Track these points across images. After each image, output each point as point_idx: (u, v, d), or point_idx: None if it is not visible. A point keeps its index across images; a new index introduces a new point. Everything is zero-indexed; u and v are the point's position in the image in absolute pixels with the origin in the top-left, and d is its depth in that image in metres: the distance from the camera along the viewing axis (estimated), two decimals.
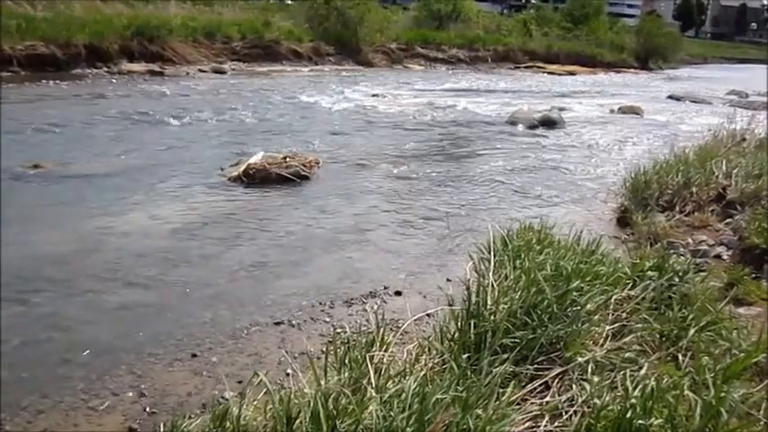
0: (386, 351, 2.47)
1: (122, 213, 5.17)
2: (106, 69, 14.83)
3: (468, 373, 2.21)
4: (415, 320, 3.13)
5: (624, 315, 2.89)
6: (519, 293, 2.71)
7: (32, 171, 6.13)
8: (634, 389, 2.08)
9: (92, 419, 2.63)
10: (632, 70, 31.45)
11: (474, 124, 10.87)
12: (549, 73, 25.23)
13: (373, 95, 13.91)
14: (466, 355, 2.34)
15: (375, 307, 3.66)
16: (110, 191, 5.75)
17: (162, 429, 1.98)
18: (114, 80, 13.99)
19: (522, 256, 3.28)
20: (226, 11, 21.83)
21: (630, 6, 71.41)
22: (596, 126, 11.29)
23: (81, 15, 16.10)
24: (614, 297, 2.95)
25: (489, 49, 27.39)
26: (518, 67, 26.59)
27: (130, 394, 2.81)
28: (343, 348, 2.47)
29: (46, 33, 14.38)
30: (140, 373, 2.98)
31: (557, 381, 2.37)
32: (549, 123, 10.82)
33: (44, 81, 12.74)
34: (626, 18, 49.05)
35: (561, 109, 12.73)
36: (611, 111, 13.51)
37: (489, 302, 2.61)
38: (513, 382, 2.22)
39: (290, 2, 29.33)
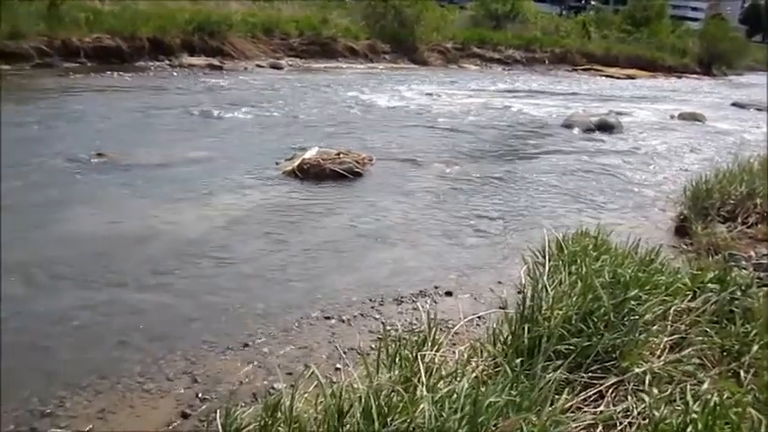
0: (437, 351, 2.46)
1: (180, 204, 5.30)
2: (168, 62, 15.20)
3: (521, 377, 2.18)
4: (466, 322, 3.11)
5: (683, 327, 2.81)
6: (575, 299, 2.66)
7: (96, 160, 6.33)
8: (695, 403, 2.02)
9: (146, 402, 2.70)
10: (694, 75, 30.48)
11: (529, 126, 10.73)
12: (608, 76, 24.68)
13: (428, 94, 13.87)
14: (519, 360, 2.31)
15: (425, 306, 3.65)
16: (168, 182, 5.89)
17: (217, 417, 2.01)
18: (175, 73, 14.33)
19: (578, 261, 3.23)
20: (284, 7, 22.10)
21: (694, 9, 69.25)
22: (655, 132, 10.99)
23: (146, 10, 16.57)
24: (673, 308, 2.87)
25: (546, 51, 26.96)
26: (575, 70, 26.09)
27: (184, 380, 2.88)
28: (393, 346, 2.47)
29: (112, 26, 14.86)
30: (194, 359, 3.04)
31: (611, 390, 2.32)
32: (606, 128, 10.58)
33: (108, 72, 13.15)
34: (689, 21, 47.68)
35: (619, 113, 12.43)
36: (672, 117, 13.13)
37: (544, 307, 2.58)
38: (566, 389, 2.18)
39: None
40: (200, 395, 2.76)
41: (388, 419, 1.87)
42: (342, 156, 6.56)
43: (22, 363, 2.93)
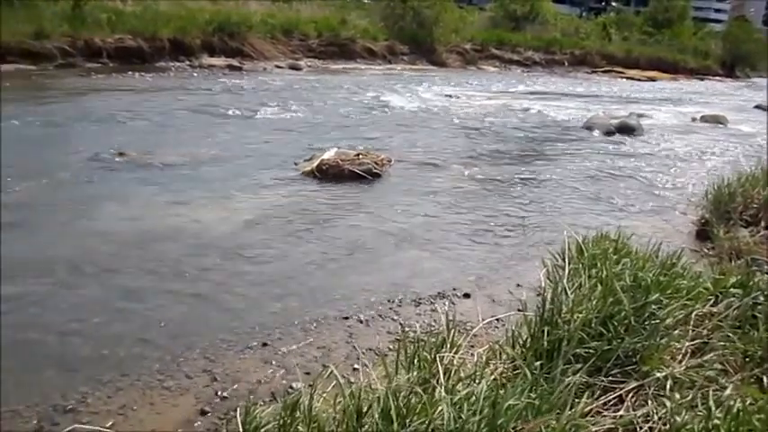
0: (455, 353, 2.46)
1: (199, 203, 5.34)
2: (188, 63, 15.34)
3: (541, 380, 2.17)
4: (485, 324, 3.10)
5: (705, 332, 2.78)
6: (595, 303, 2.64)
7: (118, 158, 6.41)
8: (717, 409, 2.00)
9: (166, 399, 2.73)
10: (717, 78, 30.10)
11: (548, 128, 10.67)
12: (628, 78, 24.48)
13: (446, 96, 13.85)
14: (538, 363, 2.30)
15: (444, 308, 3.64)
16: (187, 181, 5.94)
17: (237, 415, 2.02)
18: (195, 74, 14.45)
19: (599, 265, 3.20)
20: (303, 8, 22.19)
21: (717, 11, 68.43)
22: (677, 134, 10.88)
23: (167, 11, 16.72)
24: (695, 312, 2.84)
25: (566, 53, 26.80)
26: (595, 72, 25.90)
27: (203, 378, 2.90)
28: (412, 347, 2.47)
29: (134, 27, 15.04)
30: (213, 357, 3.07)
31: (631, 395, 2.30)
32: (626, 130, 10.49)
33: (130, 73, 13.30)
34: (712, 23, 47.12)
35: (640, 115, 12.33)
36: (693, 119, 12.99)
37: (564, 310, 2.56)
38: (586, 393, 2.17)
39: (366, 0, 29.58)
40: (219, 393, 2.78)
41: (407, 420, 1.87)
42: (361, 157, 6.57)
43: (45, 358, 2.97)
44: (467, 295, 3.91)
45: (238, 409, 2.06)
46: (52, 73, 12.64)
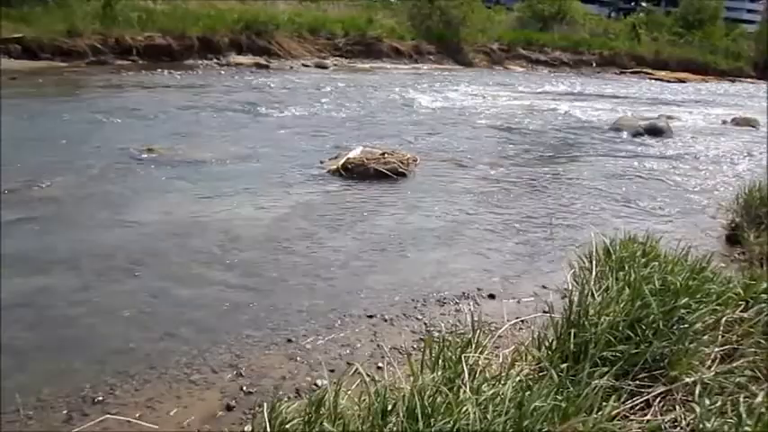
0: (481, 353, 2.45)
1: (225, 199, 5.39)
2: (216, 61, 15.50)
3: (567, 383, 2.15)
4: (510, 325, 3.08)
5: (735, 338, 2.73)
6: (622, 306, 2.61)
7: (146, 155, 6.49)
8: (748, 416, 1.96)
9: (192, 393, 2.76)
10: (749, 80, 29.52)
11: (575, 129, 10.58)
12: (657, 79, 24.14)
13: (473, 95, 13.80)
14: (564, 365, 2.28)
15: (468, 308, 3.64)
16: (214, 177, 6.01)
17: (264, 410, 2.04)
18: (223, 71, 14.58)
19: (626, 267, 3.16)
20: (330, 8, 22.28)
21: (750, 11, 67.14)
22: (706, 137, 10.71)
23: (196, 9, 16.91)
24: (725, 318, 2.79)
25: (594, 53, 26.51)
26: (624, 73, 25.60)
27: (229, 372, 2.93)
28: (437, 347, 2.47)
29: (164, 26, 15.26)
30: (238, 353, 3.10)
31: (659, 400, 2.27)
32: (655, 132, 10.35)
33: (159, 70, 13.48)
34: (745, 24, 46.23)
35: (669, 117, 12.16)
36: (724, 122, 12.77)
37: (591, 313, 2.54)
38: (612, 396, 2.14)
39: (393, 0, 29.59)
40: (244, 388, 2.81)
41: (432, 419, 1.87)
42: (386, 156, 6.58)
43: (75, 350, 3.02)
44: (491, 296, 3.89)
45: (264, 405, 2.07)
46: (84, 70, 12.86)
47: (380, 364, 3.02)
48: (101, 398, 2.66)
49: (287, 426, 2.02)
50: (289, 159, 6.83)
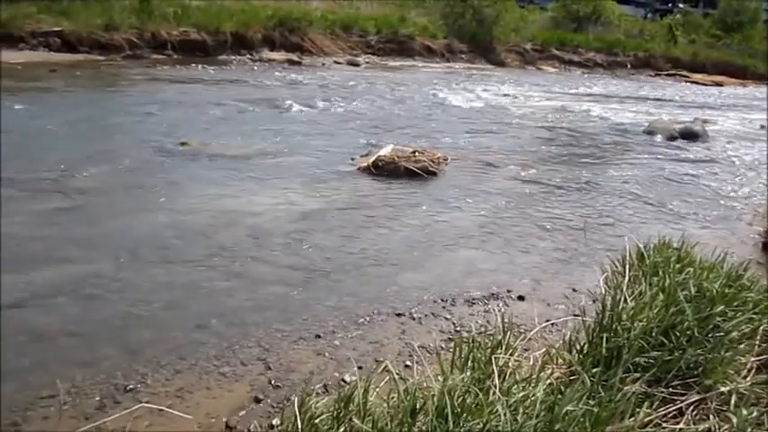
0: (511, 355, 2.43)
1: (257, 194, 5.43)
2: (249, 57, 15.63)
3: (598, 388, 2.13)
4: (541, 328, 3.06)
5: None
6: (656, 311, 2.57)
7: (180, 148, 6.58)
8: None
9: (222, 384, 2.80)
10: None
11: (608, 131, 10.44)
12: (693, 82, 23.70)
13: (504, 95, 13.71)
14: (595, 370, 2.25)
15: (498, 309, 3.62)
16: (246, 172, 6.05)
17: (294, 404, 2.05)
18: (255, 67, 14.69)
19: (660, 273, 3.12)
20: (363, 5, 22.29)
21: None
22: (743, 142, 10.48)
23: (230, 5, 17.07)
24: (762, 327, 2.73)
25: (629, 55, 26.11)
26: (659, 75, 25.19)
27: (258, 366, 2.96)
28: (467, 347, 2.46)
29: (198, 21, 15.43)
30: (267, 346, 3.12)
31: (692, 408, 2.23)
32: (690, 136, 10.17)
33: (193, 65, 13.63)
34: None
35: (705, 121, 11.92)
36: (762, 126, 12.47)
37: (624, 317, 2.50)
38: (645, 403, 2.11)
39: None
40: (272, 382, 2.83)
41: (461, 420, 1.86)
42: (417, 154, 6.56)
43: (109, 339, 3.07)
44: (521, 297, 3.86)
45: (295, 399, 2.08)
46: (120, 63, 13.07)
47: (408, 363, 3.02)
48: (132, 386, 2.70)
49: (316, 420, 2.03)
50: (319, 156, 6.86)
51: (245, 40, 16.00)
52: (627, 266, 3.22)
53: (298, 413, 1.99)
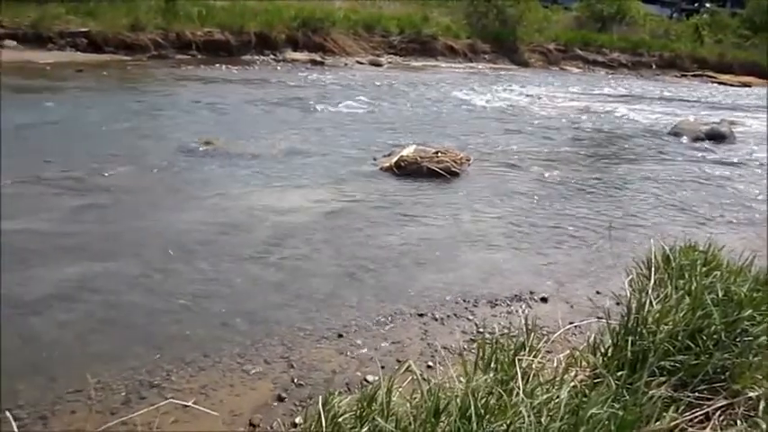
0: (534, 357, 2.42)
1: (280, 193, 5.47)
2: (272, 57, 15.70)
3: (623, 391, 2.11)
4: (564, 330, 3.05)
5: None
6: (682, 315, 2.54)
7: (204, 147, 6.63)
8: None
9: (245, 382, 2.82)
10: None
11: (633, 133, 10.32)
12: (720, 83, 23.31)
13: (528, 96, 13.62)
14: (620, 373, 2.23)
15: (520, 311, 3.60)
16: (270, 171, 6.09)
17: (319, 403, 2.06)
18: (279, 67, 14.76)
19: (686, 276, 3.08)
20: (386, 5, 22.28)
21: None
22: None
23: (254, 5, 17.17)
24: None
25: (654, 55, 25.77)
26: (685, 75, 24.82)
27: (281, 364, 2.98)
28: (490, 348, 2.45)
29: (222, 21, 15.53)
30: (290, 345, 3.15)
31: (719, 413, 2.21)
32: (717, 137, 10.01)
33: (217, 65, 13.74)
34: None
35: (732, 123, 11.73)
36: None
37: (649, 320, 2.48)
38: (671, 407, 2.09)
39: None
40: (295, 380, 2.85)
41: (485, 421, 1.86)
42: (440, 154, 6.55)
43: (134, 336, 3.12)
44: (544, 299, 3.84)
45: (319, 398, 2.10)
46: (145, 63, 13.21)
47: (431, 363, 3.02)
48: (157, 382, 2.73)
49: (339, 419, 2.04)
50: (342, 155, 6.88)
51: (268, 41, 16.07)
52: (652, 269, 3.18)
53: (322, 411, 2.00)
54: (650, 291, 2.83)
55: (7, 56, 11.69)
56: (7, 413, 2.20)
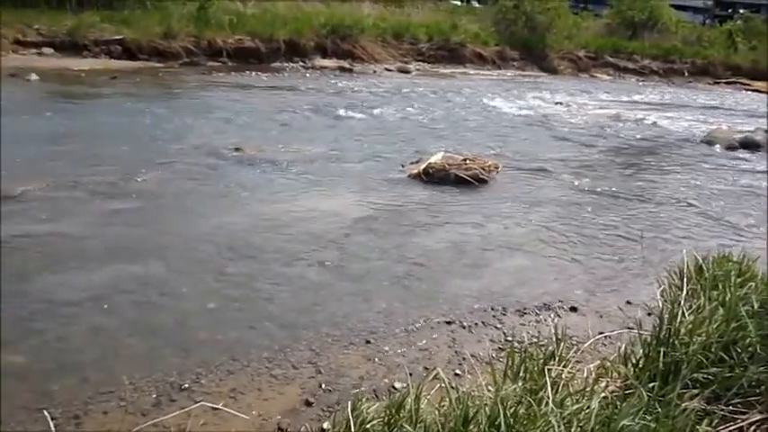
0: (564, 367, 2.40)
1: (309, 199, 5.50)
2: (302, 64, 15.82)
3: (655, 403, 2.08)
4: (594, 340, 3.01)
5: None
6: (716, 326, 2.50)
7: (234, 153, 6.72)
8: None
9: (273, 386, 2.84)
10: None
11: (665, 141, 10.19)
12: (755, 90, 22.82)
13: (557, 103, 13.52)
14: (652, 384, 2.20)
15: (550, 320, 3.57)
16: (300, 177, 6.14)
17: (348, 408, 2.07)
18: (308, 74, 14.87)
19: (720, 287, 3.03)
20: (415, 12, 22.33)
21: None
22: None
23: (284, 13, 17.34)
24: None
25: (686, 62, 25.38)
26: (718, 83, 24.39)
27: (308, 369, 2.99)
28: (519, 358, 2.44)
29: (253, 29, 15.72)
30: (318, 350, 3.16)
31: (754, 427, 2.16)
32: (751, 146, 9.82)
33: (247, 72, 13.89)
34: None
35: (767, 131, 11.51)
36: None
37: (682, 332, 2.44)
38: (705, 420, 2.06)
39: (477, 5, 29.36)
40: (323, 386, 2.86)
41: (514, 431, 1.85)
42: (468, 162, 6.53)
43: (165, 339, 3.16)
44: (573, 309, 3.81)
45: (348, 404, 2.10)
46: (177, 70, 13.42)
47: (459, 372, 3.01)
48: (187, 385, 2.77)
49: (367, 426, 2.04)
50: (370, 162, 6.91)
51: (297, 48, 16.20)
52: (685, 279, 3.14)
53: (351, 417, 2.00)
54: (683, 301, 2.78)
55: (45, 63, 11.98)
56: (45, 412, 2.24)
